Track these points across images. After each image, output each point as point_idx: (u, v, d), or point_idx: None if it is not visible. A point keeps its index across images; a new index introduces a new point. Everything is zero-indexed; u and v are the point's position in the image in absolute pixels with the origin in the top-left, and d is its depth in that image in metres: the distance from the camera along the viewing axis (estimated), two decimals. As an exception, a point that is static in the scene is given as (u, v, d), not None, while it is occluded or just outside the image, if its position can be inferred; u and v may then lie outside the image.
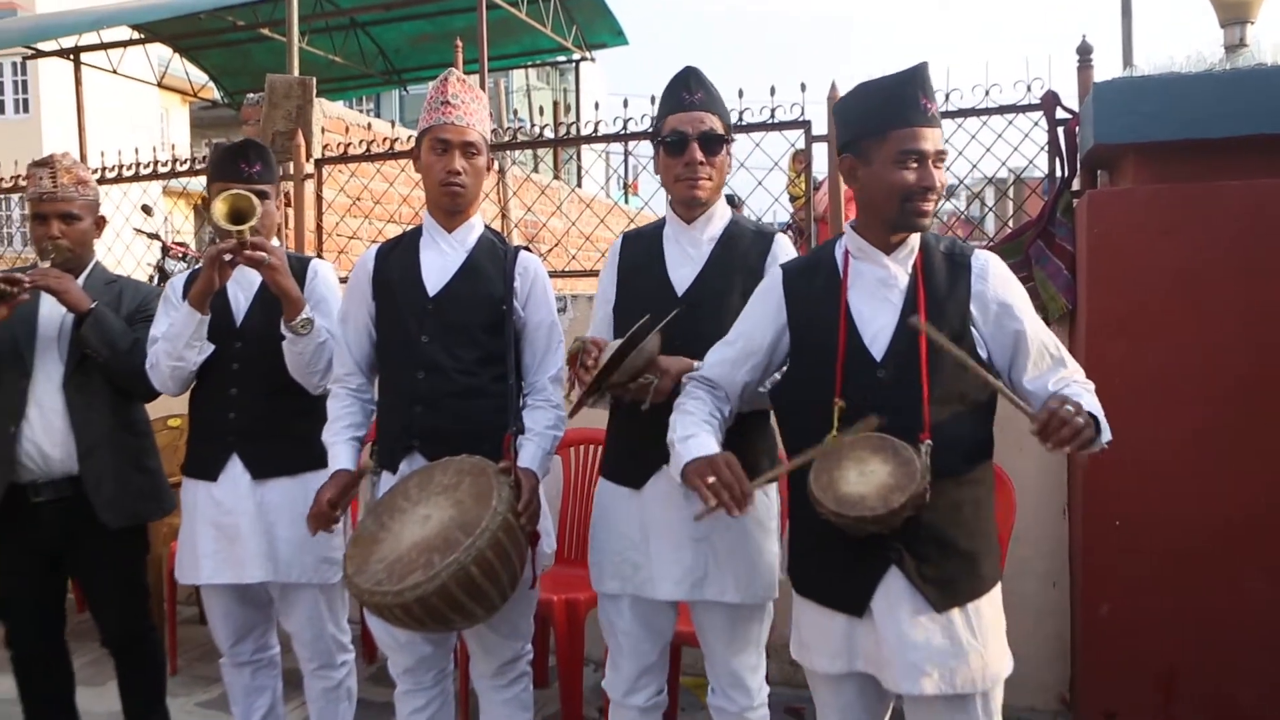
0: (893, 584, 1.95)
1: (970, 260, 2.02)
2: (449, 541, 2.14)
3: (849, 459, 1.89)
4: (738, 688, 2.38)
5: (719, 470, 1.92)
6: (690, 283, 2.35)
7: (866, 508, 1.82)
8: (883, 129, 1.95)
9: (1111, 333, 3.09)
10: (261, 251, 2.54)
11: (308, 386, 2.70)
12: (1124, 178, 3.28)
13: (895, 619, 1.94)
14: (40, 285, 2.73)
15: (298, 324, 2.59)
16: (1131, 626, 3.03)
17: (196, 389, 2.81)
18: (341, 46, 10.50)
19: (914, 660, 1.92)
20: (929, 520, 1.91)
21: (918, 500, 1.83)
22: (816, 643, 2.07)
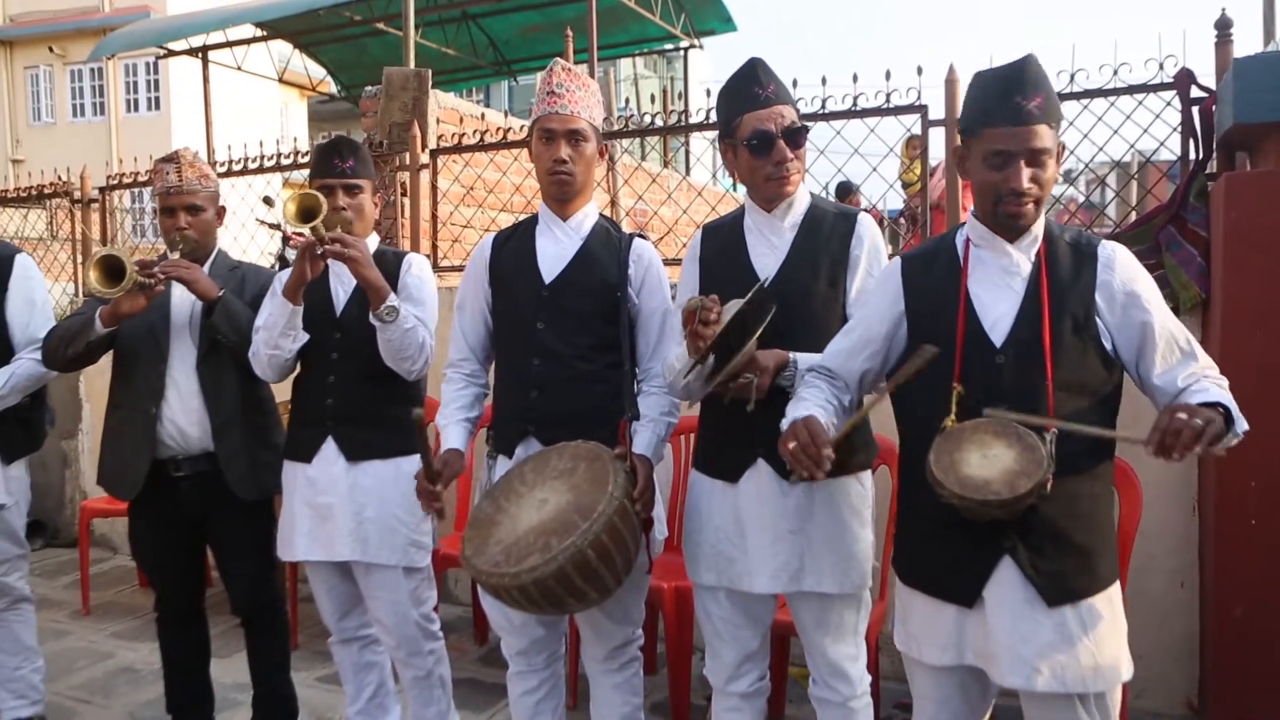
0: (1005, 575, 1.91)
1: (1097, 250, 1.97)
2: (566, 525, 2.16)
3: (970, 442, 1.86)
4: (839, 677, 2.36)
5: (798, 434, 1.91)
6: (775, 271, 2.31)
7: (991, 491, 1.78)
8: (976, 127, 1.94)
9: (1249, 324, 2.94)
10: (339, 245, 2.61)
11: (401, 372, 2.75)
12: (1266, 159, 3.11)
13: (1006, 611, 1.90)
14: (172, 275, 2.86)
15: (383, 311, 2.65)
16: (1267, 630, 2.89)
17: (298, 375, 2.92)
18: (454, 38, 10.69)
19: (1023, 654, 1.88)
20: (1045, 512, 1.87)
21: (1042, 488, 1.79)
22: (925, 634, 2.04)
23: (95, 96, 22.55)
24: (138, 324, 2.97)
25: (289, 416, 2.98)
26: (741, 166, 2.35)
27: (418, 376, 2.79)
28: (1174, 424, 1.69)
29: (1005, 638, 1.90)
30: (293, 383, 2.94)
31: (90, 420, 6.03)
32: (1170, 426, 1.69)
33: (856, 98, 3.99)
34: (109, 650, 4.32)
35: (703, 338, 2.09)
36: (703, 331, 2.08)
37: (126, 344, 3.03)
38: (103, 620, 4.73)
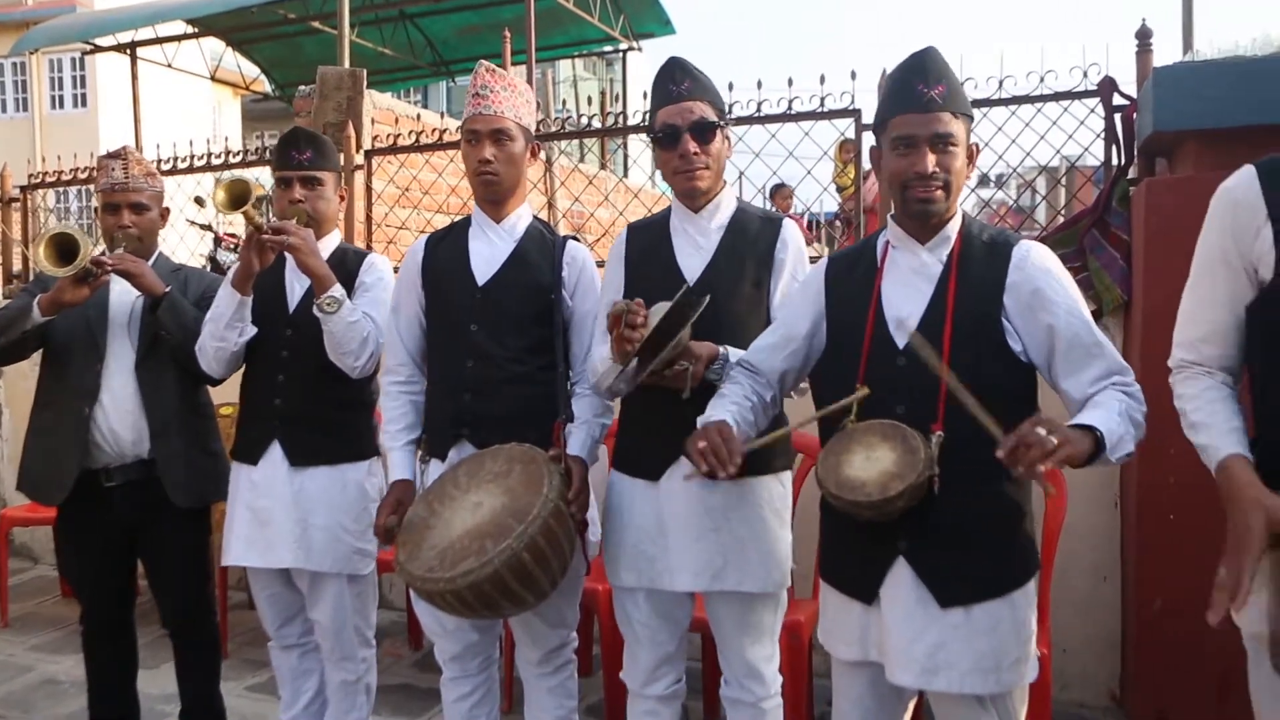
0: (899, 575, 1.93)
1: (1011, 250, 1.97)
2: (501, 528, 2.15)
3: (859, 443, 1.88)
4: (754, 678, 2.37)
5: (709, 435, 1.93)
6: (701, 272, 2.32)
7: (864, 493, 1.80)
8: (884, 119, 1.98)
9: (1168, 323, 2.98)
10: (282, 233, 2.57)
11: (344, 368, 2.70)
12: (1184, 165, 3.21)
13: (899, 610, 1.93)
14: (119, 269, 2.79)
15: (324, 301, 2.61)
16: (1186, 625, 2.96)
17: (246, 374, 2.86)
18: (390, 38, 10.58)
19: (913, 653, 1.90)
20: (941, 514, 1.87)
21: (917, 491, 1.80)
22: (837, 629, 2.07)
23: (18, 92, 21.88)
24: (74, 320, 2.88)
25: (237, 416, 2.92)
26: (657, 162, 2.38)
27: (362, 374, 2.73)
28: (1029, 437, 1.66)
29: (897, 636, 1.93)
30: (241, 381, 2.88)
31: (10, 426, 5.85)
32: (1024, 439, 1.67)
33: (791, 101, 4.03)
34: (29, 663, 4.19)
35: (629, 341, 2.09)
36: (629, 335, 2.09)
37: (60, 340, 2.92)
38: (22, 632, 4.59)
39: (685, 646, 2.49)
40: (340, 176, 2.92)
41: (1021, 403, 1.93)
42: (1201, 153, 3.05)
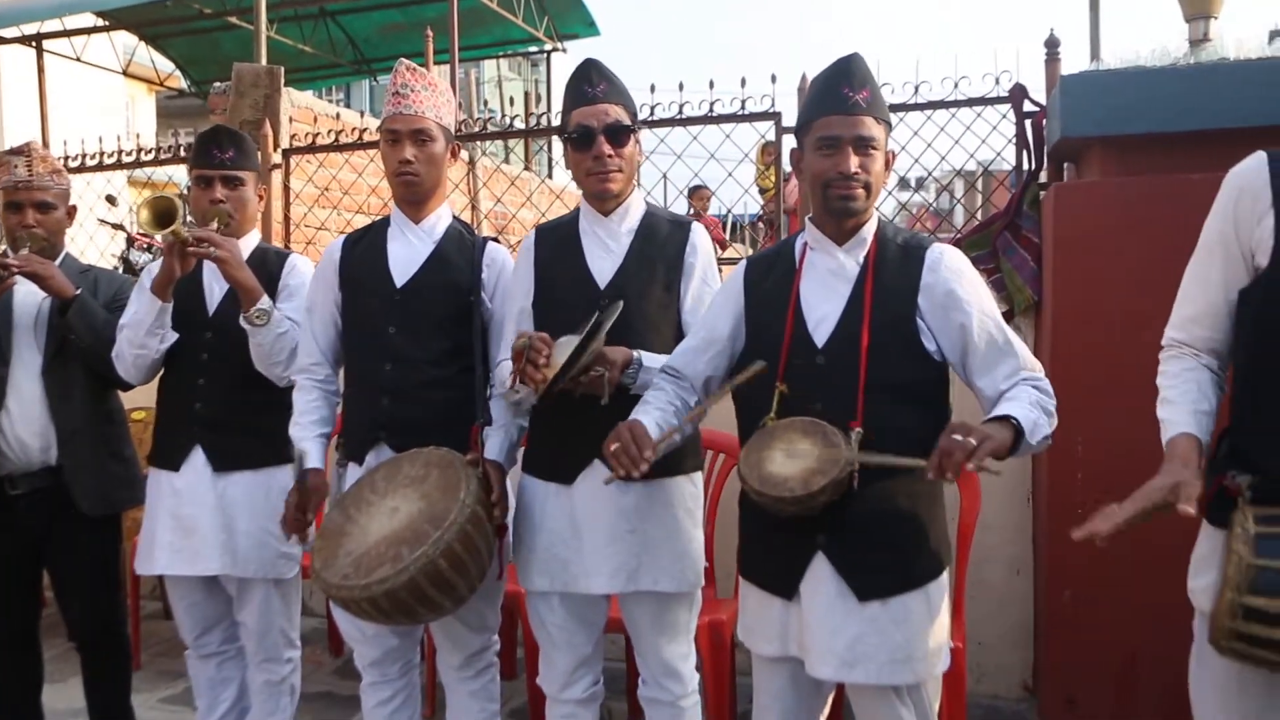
0: (818, 570, 1.97)
1: (924, 252, 2.03)
2: (417, 534, 2.13)
3: (780, 440, 1.91)
4: (671, 676, 2.38)
5: (620, 435, 1.96)
6: (612, 275, 2.33)
7: (786, 489, 1.84)
8: (808, 120, 2.02)
9: (1076, 325, 3.12)
10: (207, 244, 2.52)
11: (272, 378, 2.68)
12: (1090, 171, 3.31)
13: (819, 605, 1.96)
14: (25, 270, 2.70)
15: (253, 314, 2.57)
16: (1093, 615, 3.07)
17: (165, 378, 2.79)
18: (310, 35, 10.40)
19: (833, 647, 1.94)
20: (858, 509, 1.92)
21: (839, 486, 1.84)
22: (757, 626, 2.10)
23: (-84, 85, 21.04)
24: None
25: (155, 421, 2.85)
26: (569, 163, 2.38)
27: (290, 383, 2.68)
28: (948, 446, 1.75)
29: (817, 630, 1.96)
30: (159, 385, 2.81)
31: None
32: (944, 449, 1.75)
33: (713, 104, 4.06)
34: (-71, 679, 4.02)
35: (531, 380, 2.10)
36: (532, 374, 2.09)
37: None
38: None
39: (602, 648, 2.49)
40: (260, 176, 2.87)
41: (935, 399, 2.02)
42: (1106, 158, 3.15)
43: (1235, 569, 1.57)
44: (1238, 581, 1.57)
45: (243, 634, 2.83)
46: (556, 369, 2.08)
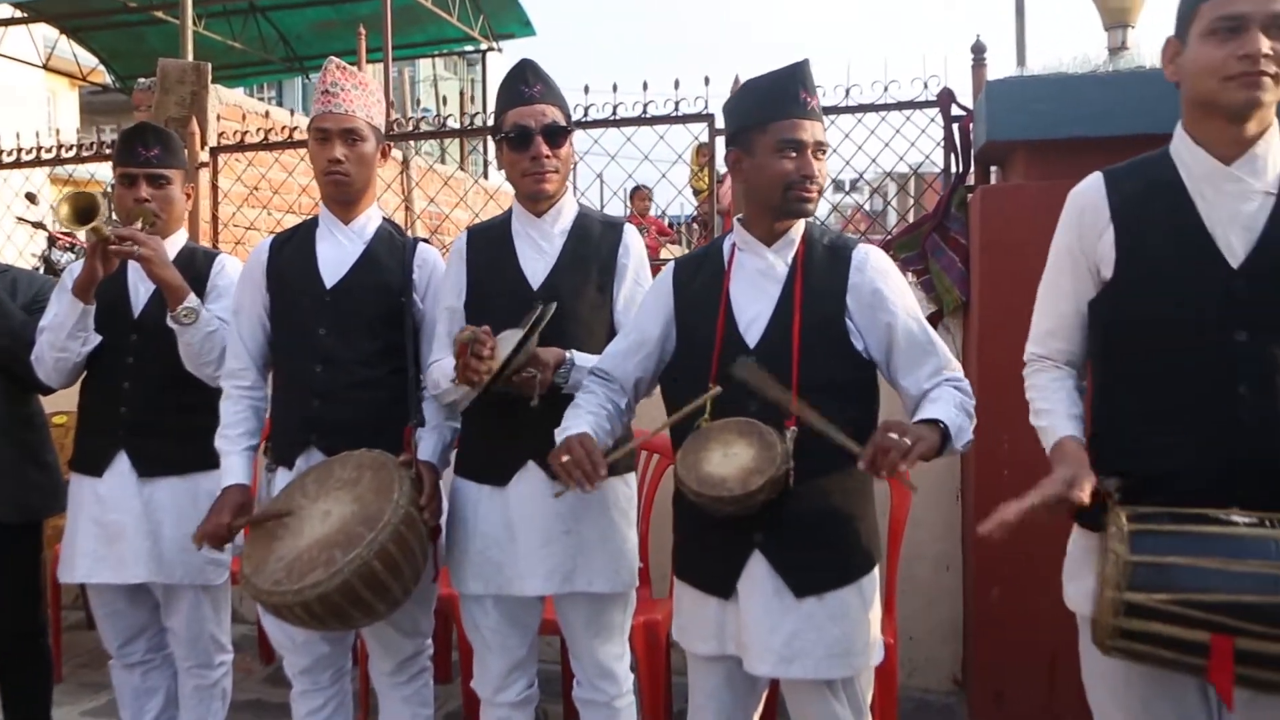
0: (756, 568, 1.99)
1: (851, 253, 2.07)
2: (351, 537, 2.10)
3: (716, 441, 1.93)
4: (605, 677, 2.39)
5: (572, 449, 1.96)
6: (545, 276, 2.33)
7: (725, 489, 1.85)
8: (764, 121, 2.00)
9: (1002, 324, 3.17)
10: (130, 243, 2.47)
11: (203, 378, 2.63)
12: (1015, 174, 3.38)
13: (757, 602, 1.98)
14: None
15: (180, 313, 2.53)
16: (1020, 610, 3.13)
17: (87, 381, 2.73)
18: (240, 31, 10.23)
19: (771, 644, 1.97)
20: (793, 507, 1.95)
21: (776, 485, 1.86)
22: (693, 625, 2.11)
23: None
24: None
25: (76, 426, 2.77)
26: (504, 163, 2.37)
27: (219, 383, 2.62)
28: (885, 443, 1.79)
29: (756, 628, 1.98)
30: (80, 388, 2.74)
31: None
32: (881, 445, 1.79)
33: (647, 105, 4.08)
34: None
35: (476, 372, 2.08)
36: (476, 366, 2.08)
37: None
38: None
39: (537, 650, 2.48)
40: (187, 174, 2.81)
41: (865, 398, 2.06)
42: (1030, 162, 3.22)
43: (1114, 567, 1.62)
44: (1117, 579, 1.61)
45: (171, 641, 2.78)
46: (500, 362, 2.07)
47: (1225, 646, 1.55)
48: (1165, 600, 1.58)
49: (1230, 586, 1.56)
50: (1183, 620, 1.58)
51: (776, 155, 1.99)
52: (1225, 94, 1.69)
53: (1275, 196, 1.72)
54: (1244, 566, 1.57)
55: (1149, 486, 1.73)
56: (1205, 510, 1.66)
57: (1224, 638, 1.55)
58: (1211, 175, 1.75)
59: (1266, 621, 1.53)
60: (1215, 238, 1.73)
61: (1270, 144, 1.74)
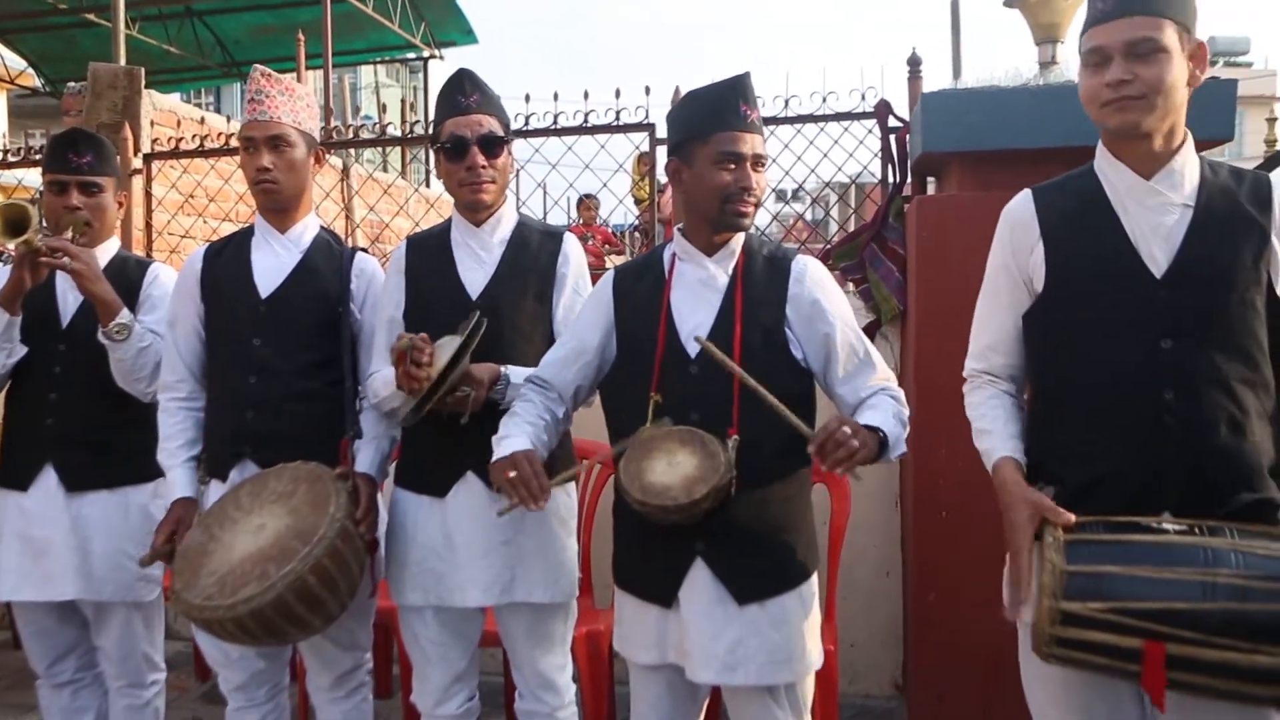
0: (698, 576, 2.00)
1: (790, 264, 2.10)
2: (285, 551, 2.08)
3: (659, 450, 1.94)
4: (547, 688, 2.38)
5: (519, 466, 1.95)
6: (484, 286, 2.33)
7: (670, 497, 1.86)
8: (705, 133, 2.02)
9: (938, 332, 3.23)
10: (61, 254, 2.42)
11: (136, 394, 2.58)
12: (950, 184, 3.44)
13: (699, 610, 2.00)
14: None
15: (112, 329, 2.48)
16: (958, 613, 3.18)
17: (13, 392, 2.66)
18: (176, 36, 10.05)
19: (714, 651, 1.98)
20: (735, 514, 1.97)
21: (720, 493, 1.88)
22: (634, 634, 2.11)
23: None
24: None
25: (1, 438, 2.70)
26: (442, 173, 2.36)
27: (152, 398, 2.58)
28: (839, 435, 1.81)
29: (698, 636, 1.99)
30: (5, 399, 2.67)
31: None
32: (835, 435, 1.81)
33: (588, 114, 4.08)
34: None
35: (415, 379, 2.08)
36: (415, 374, 2.08)
37: None
38: None
39: (478, 662, 2.47)
40: (120, 182, 2.76)
41: (802, 407, 2.07)
42: (964, 173, 3.28)
43: (1050, 576, 1.66)
44: (1053, 588, 1.65)
45: (102, 659, 2.72)
46: (439, 369, 2.06)
47: (1157, 653, 1.59)
48: (1100, 609, 1.63)
49: (1161, 594, 1.61)
50: (1116, 628, 1.62)
51: (716, 167, 2.01)
52: (1105, 119, 1.79)
53: (1193, 209, 1.79)
54: (1174, 574, 1.62)
55: (1083, 494, 1.78)
56: (1138, 519, 1.71)
57: (1156, 644, 1.59)
58: (1133, 189, 1.81)
59: (1196, 628, 1.58)
60: (1139, 250, 1.80)
61: (1187, 158, 1.81)
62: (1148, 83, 1.73)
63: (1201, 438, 1.74)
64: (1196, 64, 1.78)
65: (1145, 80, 1.73)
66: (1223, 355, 1.75)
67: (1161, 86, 1.73)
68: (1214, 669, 1.58)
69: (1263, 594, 1.58)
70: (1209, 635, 1.57)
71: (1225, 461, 1.74)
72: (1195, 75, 1.78)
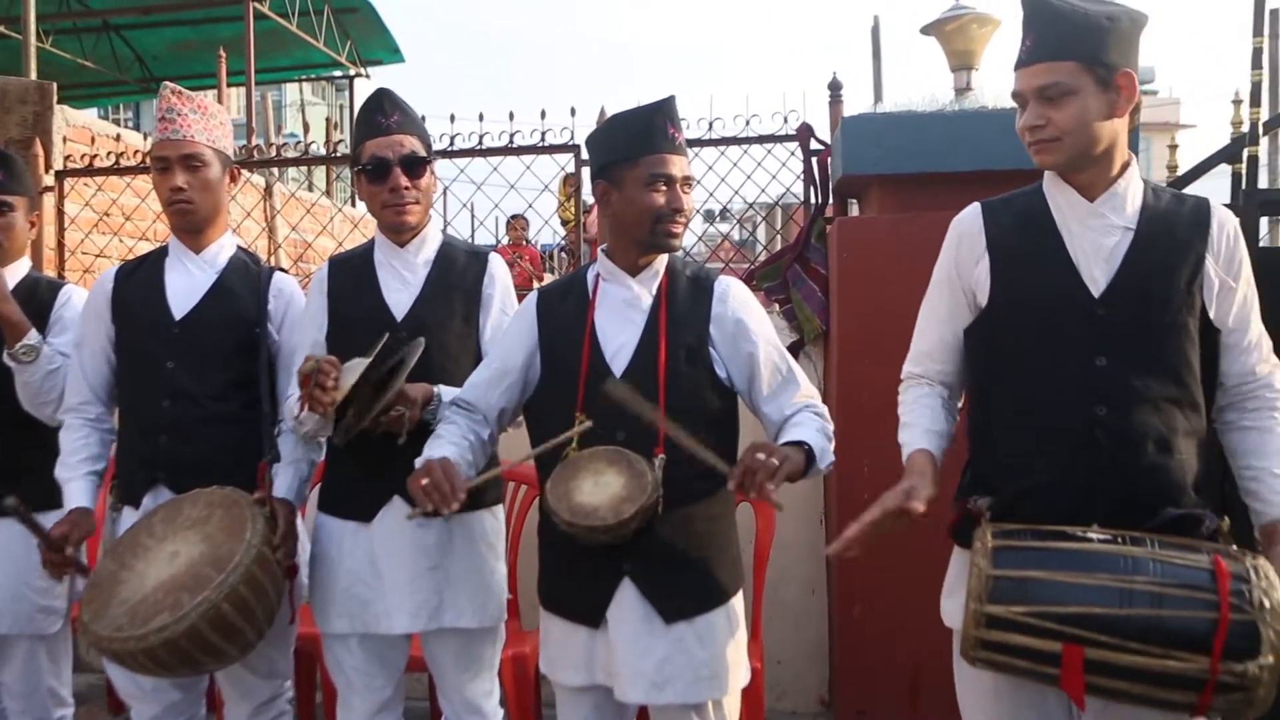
0: (625, 596, 2.01)
1: (713, 285, 2.12)
2: (199, 579, 2.03)
3: (586, 470, 1.94)
4: (474, 713, 2.37)
5: (431, 472, 1.93)
6: (409, 307, 2.31)
7: (598, 518, 1.87)
8: (633, 156, 2.03)
9: (859, 350, 3.29)
10: None
11: (43, 418, 2.51)
12: (870, 206, 3.51)
13: (627, 630, 2.00)
14: None
15: (18, 351, 2.42)
16: (881, 628, 3.23)
17: None
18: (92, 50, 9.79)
19: (642, 670, 1.98)
20: (661, 534, 1.98)
21: (648, 512, 1.89)
22: (561, 656, 2.11)
23: None
24: None
25: None
26: (363, 194, 2.34)
27: (58, 423, 2.50)
28: (753, 463, 1.83)
29: (626, 655, 2.00)
30: None
31: None
32: (749, 465, 1.84)
33: (513, 135, 4.08)
34: None
35: (319, 403, 2.05)
36: (320, 397, 2.05)
37: None
38: None
39: (403, 689, 2.43)
40: (32, 200, 2.68)
41: (727, 424, 2.11)
42: (884, 195, 3.35)
43: (977, 580, 1.70)
44: (979, 592, 1.69)
45: (4, 695, 2.63)
46: (345, 392, 2.05)
47: (1075, 656, 1.64)
48: (1022, 612, 1.66)
49: (1081, 599, 1.65)
50: (1038, 631, 1.66)
51: (647, 189, 2.02)
52: (1032, 156, 1.89)
53: (1133, 231, 1.86)
54: (1094, 580, 1.66)
55: (1018, 504, 1.83)
56: (1065, 528, 1.76)
57: (1075, 648, 1.64)
58: (1077, 210, 1.89)
59: (1113, 632, 1.62)
60: (1079, 269, 1.87)
61: (1130, 181, 1.89)
62: (1059, 126, 1.81)
63: (1131, 453, 1.80)
64: (1123, 94, 1.83)
65: (1056, 123, 1.81)
66: (1154, 374, 1.82)
67: (1072, 127, 1.80)
68: (1129, 673, 1.62)
69: (1177, 601, 1.63)
70: (1125, 640, 1.62)
71: (1152, 477, 1.80)
72: (1122, 104, 1.84)
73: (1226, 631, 1.59)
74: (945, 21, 3.45)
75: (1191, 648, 1.60)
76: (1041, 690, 1.85)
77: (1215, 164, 3.35)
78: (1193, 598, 1.63)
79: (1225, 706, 1.63)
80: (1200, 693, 1.61)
